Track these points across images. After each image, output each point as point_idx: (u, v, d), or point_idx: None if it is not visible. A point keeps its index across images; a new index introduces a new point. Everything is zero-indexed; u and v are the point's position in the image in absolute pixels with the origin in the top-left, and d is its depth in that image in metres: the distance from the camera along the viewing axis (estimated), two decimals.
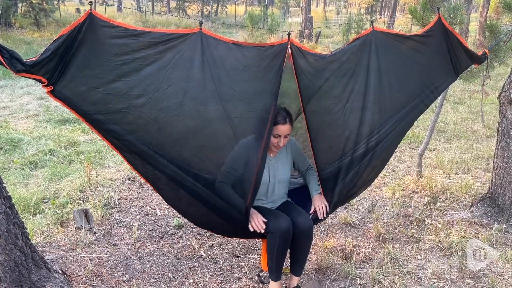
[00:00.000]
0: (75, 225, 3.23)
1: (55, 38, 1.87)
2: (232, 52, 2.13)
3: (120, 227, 3.34)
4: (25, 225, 2.35)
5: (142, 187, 4.07)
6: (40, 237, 3.08)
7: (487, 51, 2.90)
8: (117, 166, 4.52)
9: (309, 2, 18.69)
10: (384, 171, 4.36)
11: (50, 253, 2.90)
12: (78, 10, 23.79)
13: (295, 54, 2.18)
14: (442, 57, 2.69)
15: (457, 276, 2.77)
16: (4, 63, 1.76)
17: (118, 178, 4.22)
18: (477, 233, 3.20)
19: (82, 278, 2.66)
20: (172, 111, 2.10)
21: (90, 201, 3.65)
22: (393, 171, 4.59)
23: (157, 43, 2.02)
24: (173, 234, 3.26)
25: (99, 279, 2.67)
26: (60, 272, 2.57)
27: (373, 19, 2.90)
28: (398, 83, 2.55)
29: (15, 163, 4.45)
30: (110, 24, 1.96)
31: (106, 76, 2.00)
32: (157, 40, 2.02)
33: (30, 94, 7.70)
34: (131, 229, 3.29)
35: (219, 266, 2.86)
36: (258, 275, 2.70)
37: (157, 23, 20.25)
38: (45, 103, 7.06)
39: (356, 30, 16.45)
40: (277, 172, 2.54)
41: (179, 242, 3.16)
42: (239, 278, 2.74)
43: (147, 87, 2.05)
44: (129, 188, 4.06)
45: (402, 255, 2.99)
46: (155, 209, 3.66)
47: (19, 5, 17.16)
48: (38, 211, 3.47)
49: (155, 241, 3.16)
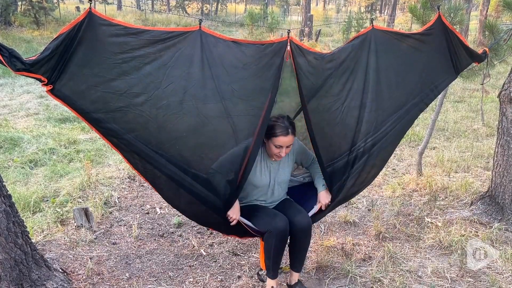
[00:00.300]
0: (75, 224, 3.23)
1: (54, 37, 1.86)
2: (231, 50, 2.12)
3: (120, 225, 3.34)
4: (25, 223, 2.35)
5: (142, 185, 4.07)
6: (40, 235, 3.08)
7: (487, 49, 2.89)
8: (117, 164, 4.51)
9: (309, 0, 18.67)
10: (384, 169, 4.35)
11: (50, 251, 2.90)
12: (78, 8, 23.76)
13: (294, 52, 2.17)
14: (442, 55, 2.69)
15: (457, 275, 2.77)
16: (4, 62, 1.76)
17: (118, 176, 4.22)
18: (477, 232, 3.20)
19: (82, 277, 2.66)
20: (172, 109, 2.09)
21: (90, 199, 3.65)
22: (393, 169, 4.59)
23: (156, 41, 2.02)
24: (173, 232, 3.26)
25: (99, 277, 2.68)
26: (60, 270, 2.57)
27: (373, 18, 2.89)
28: (398, 81, 2.55)
29: (15, 162, 4.45)
30: (109, 23, 1.95)
31: (106, 75, 1.99)
32: (157, 38, 2.01)
33: (30, 92, 7.69)
34: (131, 227, 3.29)
35: (219, 265, 2.87)
36: (257, 273, 2.71)
37: (157, 21, 20.22)
38: (45, 101, 7.05)
39: (356, 28, 16.42)
40: (278, 174, 2.54)
41: (179, 240, 3.16)
42: (239, 277, 2.74)
43: (147, 86, 2.05)
44: (129, 186, 4.06)
45: (402, 254, 2.99)
46: (155, 207, 3.66)
47: (19, 3, 17.14)
48: (38, 209, 3.47)
49: (155, 239, 3.16)
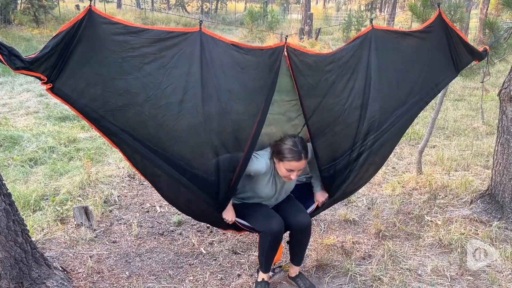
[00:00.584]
0: (75, 222, 3.23)
1: (54, 34, 1.86)
2: (230, 53, 2.12)
3: (120, 224, 3.34)
4: (25, 222, 2.35)
5: (142, 184, 4.07)
6: (40, 234, 3.08)
7: (487, 47, 2.89)
8: (117, 163, 4.51)
9: None
10: (384, 168, 4.36)
11: (50, 250, 2.90)
12: (77, 6, 23.68)
13: (292, 57, 2.17)
14: (443, 53, 2.68)
15: (456, 273, 2.78)
16: (3, 60, 1.75)
17: (118, 175, 4.22)
18: (477, 230, 3.20)
19: (82, 275, 2.67)
20: (172, 110, 2.08)
21: (90, 198, 3.65)
22: (393, 168, 4.59)
23: (157, 41, 2.01)
24: (173, 231, 3.27)
25: (99, 276, 2.68)
26: (60, 269, 2.57)
27: (372, 17, 2.88)
28: (399, 80, 2.54)
29: (14, 160, 4.45)
30: (110, 21, 1.94)
31: (106, 74, 1.98)
32: (157, 37, 2.01)
33: (30, 91, 7.69)
34: (131, 226, 3.29)
35: (219, 263, 2.87)
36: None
37: (157, 19, 20.17)
38: (44, 100, 7.05)
39: (356, 27, 16.39)
40: (285, 185, 2.53)
41: (179, 239, 3.16)
42: (239, 275, 2.74)
43: (147, 86, 2.04)
44: (129, 185, 4.06)
45: (401, 252, 3.00)
46: (155, 206, 3.66)
47: (18, 1, 17.09)
48: (38, 208, 3.47)
49: (155, 238, 3.16)
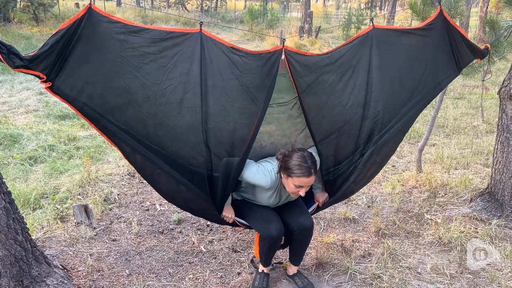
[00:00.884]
0: (75, 220, 3.24)
1: (53, 33, 1.85)
2: (230, 55, 2.12)
3: (120, 222, 3.35)
4: (25, 220, 2.35)
5: (142, 182, 4.06)
6: (40, 232, 3.08)
7: (489, 45, 2.88)
8: (116, 161, 4.51)
9: None
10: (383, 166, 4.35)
11: (50, 248, 2.90)
12: (77, 5, 23.62)
13: (290, 60, 2.17)
14: (445, 51, 2.67)
15: (456, 271, 2.78)
16: (2, 59, 1.75)
17: (117, 173, 4.22)
18: (477, 228, 3.21)
19: (82, 273, 2.67)
20: (171, 109, 2.08)
21: (90, 196, 3.65)
22: (393, 166, 4.59)
23: (157, 41, 2.01)
24: (173, 229, 3.27)
25: (99, 274, 2.68)
26: (60, 267, 2.57)
27: (373, 16, 2.88)
28: (401, 79, 2.53)
29: (14, 159, 4.44)
30: (110, 20, 1.94)
31: (105, 73, 1.98)
32: (157, 37, 2.00)
33: (30, 89, 7.68)
34: (131, 224, 3.29)
35: (219, 261, 2.87)
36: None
37: (157, 18, 20.14)
38: (44, 98, 7.04)
39: (356, 25, 16.36)
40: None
41: (179, 237, 3.16)
42: (239, 273, 2.75)
43: (147, 85, 2.04)
44: (128, 183, 4.06)
45: (401, 250, 3.00)
46: (154, 204, 3.66)
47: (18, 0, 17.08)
48: (38, 206, 3.48)
49: (155, 236, 3.17)
